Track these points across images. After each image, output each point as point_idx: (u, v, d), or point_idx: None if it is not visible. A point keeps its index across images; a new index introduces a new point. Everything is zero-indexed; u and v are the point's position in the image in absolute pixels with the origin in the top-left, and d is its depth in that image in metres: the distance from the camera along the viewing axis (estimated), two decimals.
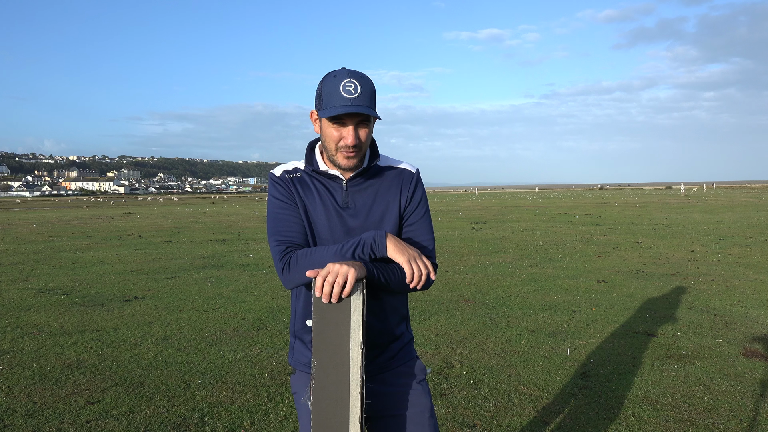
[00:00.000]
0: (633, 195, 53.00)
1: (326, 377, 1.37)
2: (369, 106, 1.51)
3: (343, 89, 1.49)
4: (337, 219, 1.60)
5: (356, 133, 1.52)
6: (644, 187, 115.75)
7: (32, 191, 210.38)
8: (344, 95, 1.48)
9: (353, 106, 1.48)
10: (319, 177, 1.63)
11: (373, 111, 1.52)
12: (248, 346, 4.74)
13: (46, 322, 5.51)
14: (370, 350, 1.57)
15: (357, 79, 1.50)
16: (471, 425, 3.23)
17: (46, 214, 31.70)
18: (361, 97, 1.49)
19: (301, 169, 1.66)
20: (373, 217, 1.61)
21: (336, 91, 1.49)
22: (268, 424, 3.25)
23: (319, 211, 1.61)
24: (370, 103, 1.52)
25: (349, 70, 1.54)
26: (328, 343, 1.37)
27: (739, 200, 33.25)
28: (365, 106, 1.50)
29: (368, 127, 1.55)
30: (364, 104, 1.50)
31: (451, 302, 6.35)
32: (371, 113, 1.50)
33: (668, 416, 3.30)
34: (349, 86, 1.49)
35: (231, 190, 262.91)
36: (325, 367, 1.37)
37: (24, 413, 3.40)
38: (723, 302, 6.13)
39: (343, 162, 1.56)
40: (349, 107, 1.47)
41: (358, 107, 1.48)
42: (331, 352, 1.37)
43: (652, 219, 19.12)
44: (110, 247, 12.63)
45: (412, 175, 1.68)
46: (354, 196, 1.62)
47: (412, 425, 1.64)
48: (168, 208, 38.14)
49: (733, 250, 10.37)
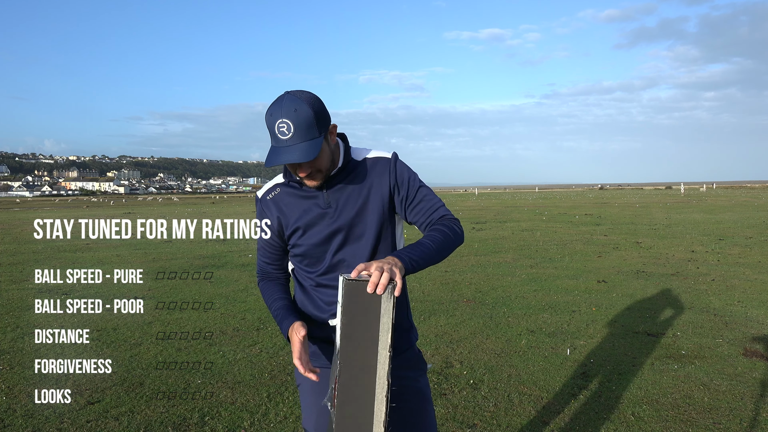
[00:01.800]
0: (633, 195, 53.01)
1: (352, 380, 1.34)
2: (307, 140, 1.48)
3: (277, 131, 1.48)
4: (322, 221, 1.63)
5: (305, 165, 1.54)
6: (644, 187, 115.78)
7: (32, 191, 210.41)
8: (279, 137, 1.49)
9: (285, 152, 1.48)
10: (300, 186, 1.67)
11: (310, 151, 1.48)
12: (248, 346, 4.75)
13: (46, 322, 5.52)
14: None
15: (290, 117, 1.47)
16: (471, 425, 3.23)
17: (45, 213, 31.69)
18: (295, 136, 1.47)
19: (280, 184, 1.70)
20: (355, 211, 1.64)
21: (273, 132, 1.50)
22: (268, 424, 3.25)
23: (304, 218, 1.65)
24: (309, 136, 1.49)
25: (285, 104, 1.49)
26: (355, 345, 1.33)
27: (739, 200, 33.25)
28: (300, 151, 1.47)
29: (318, 156, 1.54)
30: (299, 141, 1.48)
31: (451, 302, 6.35)
32: (307, 158, 1.47)
33: (668, 416, 3.30)
34: (282, 127, 1.48)
35: (231, 190, 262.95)
36: (351, 370, 1.34)
37: (24, 413, 3.40)
38: (723, 302, 6.13)
39: (310, 185, 1.61)
40: (282, 159, 1.47)
41: (291, 155, 1.47)
42: (358, 355, 1.33)
43: (652, 219, 19.12)
44: (110, 247, 12.64)
45: (388, 161, 1.68)
46: (334, 195, 1.64)
47: (411, 417, 1.68)
48: (168, 208, 38.13)
49: (733, 250, 10.37)
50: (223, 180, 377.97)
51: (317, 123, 1.50)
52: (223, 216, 3.43)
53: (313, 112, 1.49)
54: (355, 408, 1.34)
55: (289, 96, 1.51)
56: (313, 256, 1.67)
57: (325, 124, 1.55)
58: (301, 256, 1.70)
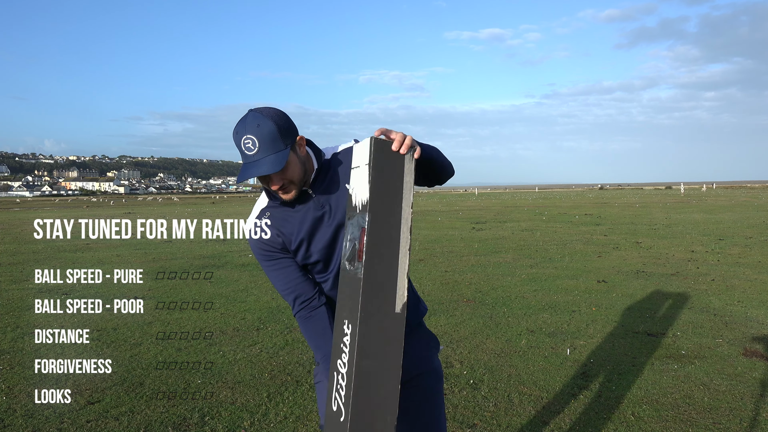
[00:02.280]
0: (633, 195, 53.01)
1: (380, 233, 1.38)
2: (273, 152, 1.52)
3: (244, 147, 1.54)
4: (322, 223, 1.67)
5: (275, 178, 1.57)
6: (644, 187, 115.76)
7: (32, 191, 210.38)
8: (246, 153, 1.54)
9: (252, 167, 1.52)
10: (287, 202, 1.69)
11: (275, 162, 1.53)
12: (248, 346, 4.75)
13: (46, 322, 5.52)
14: None
15: (254, 132, 1.52)
16: (471, 425, 3.23)
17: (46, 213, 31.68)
18: (260, 151, 1.52)
19: (265, 208, 1.72)
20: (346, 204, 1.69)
21: (240, 149, 1.54)
22: (268, 424, 3.25)
23: (303, 229, 1.67)
24: (274, 149, 1.53)
25: (248, 121, 1.54)
26: (382, 200, 1.39)
27: (739, 200, 33.25)
28: (266, 159, 1.52)
29: (288, 164, 1.57)
30: (264, 155, 1.52)
31: (451, 302, 6.35)
32: (272, 171, 1.52)
33: (668, 416, 3.30)
34: (247, 142, 1.53)
35: (231, 190, 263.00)
36: (379, 224, 1.38)
37: (24, 413, 3.40)
38: (723, 302, 6.13)
39: (284, 198, 1.63)
40: (250, 173, 1.53)
41: (257, 169, 1.52)
42: (384, 210, 1.39)
43: (652, 219, 19.12)
44: (110, 246, 12.64)
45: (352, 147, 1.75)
46: (324, 196, 1.68)
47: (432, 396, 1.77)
48: (168, 208, 38.13)
49: (733, 250, 10.37)
50: (223, 180, 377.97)
51: (281, 136, 1.55)
52: (223, 216, 3.43)
53: (275, 125, 1.54)
54: (381, 261, 1.38)
55: (252, 113, 1.55)
56: (322, 259, 1.71)
57: (291, 135, 1.58)
58: (312, 264, 1.73)
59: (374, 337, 1.35)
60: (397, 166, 1.41)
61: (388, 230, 1.39)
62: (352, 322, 1.37)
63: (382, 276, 1.37)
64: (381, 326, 1.37)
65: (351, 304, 1.38)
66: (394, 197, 1.40)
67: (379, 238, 1.38)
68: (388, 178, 1.40)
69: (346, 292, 1.44)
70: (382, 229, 1.38)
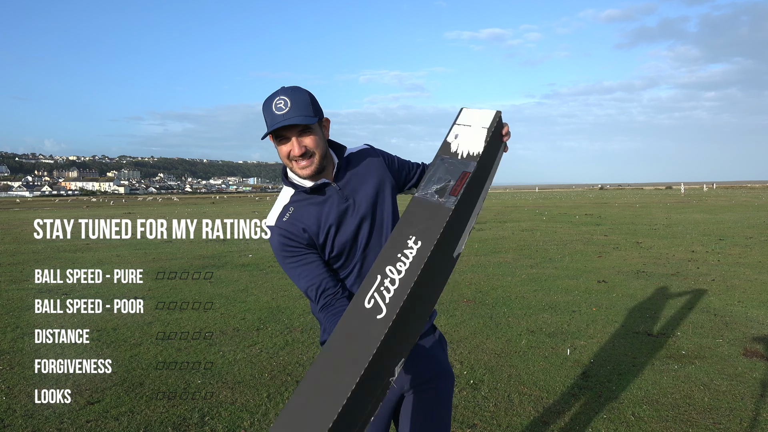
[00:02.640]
0: (633, 195, 53.02)
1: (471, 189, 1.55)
2: (304, 115, 1.59)
3: (275, 108, 1.59)
4: (346, 217, 1.69)
5: (299, 142, 1.61)
6: (644, 187, 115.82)
7: (32, 191, 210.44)
8: (276, 113, 1.58)
9: (284, 119, 1.57)
10: (311, 196, 1.70)
11: (307, 118, 1.59)
12: (248, 346, 4.75)
13: (46, 322, 5.52)
14: None
15: (287, 95, 1.60)
16: (471, 425, 3.23)
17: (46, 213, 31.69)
18: (292, 110, 1.58)
19: (289, 203, 1.71)
20: (371, 200, 1.73)
21: (270, 111, 1.59)
22: (268, 424, 3.25)
23: (329, 221, 1.68)
24: (305, 112, 1.59)
25: (283, 88, 1.64)
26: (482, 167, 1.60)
27: (739, 200, 33.25)
28: (298, 116, 1.58)
29: (312, 134, 1.62)
30: (296, 115, 1.58)
31: (451, 302, 6.35)
32: (304, 121, 1.58)
33: (668, 416, 3.30)
34: (279, 103, 1.59)
35: (231, 190, 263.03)
36: (475, 182, 1.57)
37: (24, 413, 3.40)
38: (723, 302, 6.12)
39: (300, 172, 1.65)
40: (280, 122, 1.57)
41: (288, 119, 1.57)
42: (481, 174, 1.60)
43: (652, 219, 19.12)
44: (110, 246, 12.64)
45: (369, 150, 1.83)
46: (347, 190, 1.72)
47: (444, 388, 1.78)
48: (168, 208, 38.12)
49: (733, 250, 10.37)
50: (223, 180, 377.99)
51: (312, 106, 1.63)
52: (223, 216, 3.43)
53: (309, 96, 1.63)
54: (466, 207, 1.54)
55: (285, 87, 1.65)
56: (346, 251, 1.72)
57: (319, 113, 1.66)
58: (336, 256, 1.72)
59: (437, 261, 1.45)
60: (499, 146, 1.67)
61: (478, 187, 1.58)
62: (423, 239, 1.44)
63: (461, 220, 1.52)
64: (444, 257, 1.48)
65: (427, 225, 1.47)
66: (490, 167, 1.63)
67: (473, 188, 1.54)
68: (494, 149, 1.63)
69: (419, 214, 1.51)
70: (476, 183, 1.56)
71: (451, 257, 1.52)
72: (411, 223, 1.50)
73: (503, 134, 1.67)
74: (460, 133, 1.64)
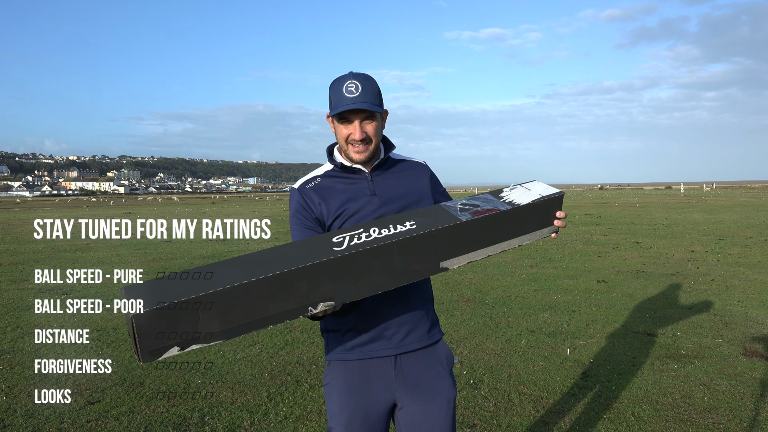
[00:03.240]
0: (633, 195, 53.00)
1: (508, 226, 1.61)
2: (372, 102, 1.64)
3: (345, 90, 1.63)
4: (369, 205, 1.70)
5: (362, 127, 1.66)
6: (644, 187, 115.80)
7: (32, 191, 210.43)
8: (346, 95, 1.63)
9: (354, 103, 1.62)
10: (344, 174, 1.74)
11: (374, 106, 1.65)
12: (248, 346, 4.75)
13: (46, 322, 5.52)
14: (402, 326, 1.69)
15: (359, 80, 1.65)
16: (471, 425, 3.24)
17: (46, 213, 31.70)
18: (362, 96, 1.63)
19: (320, 176, 1.77)
20: (398, 203, 1.72)
21: (340, 92, 1.64)
22: (268, 424, 3.25)
23: (353, 202, 1.70)
24: (373, 100, 1.65)
25: (354, 73, 1.67)
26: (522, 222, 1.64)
27: (739, 200, 33.25)
28: (367, 102, 1.63)
29: (375, 121, 1.68)
30: (365, 101, 1.63)
31: (451, 302, 6.35)
32: (372, 108, 1.63)
33: (668, 416, 3.30)
34: (351, 86, 1.63)
35: (231, 190, 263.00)
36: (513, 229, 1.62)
37: (24, 413, 3.40)
38: (723, 302, 6.13)
39: (355, 156, 1.69)
40: (350, 105, 1.62)
41: (358, 104, 1.62)
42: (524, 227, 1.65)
43: (652, 219, 19.12)
44: (110, 246, 12.64)
45: (424, 167, 1.85)
46: (378, 185, 1.73)
47: (434, 412, 1.71)
48: (168, 208, 38.11)
49: (733, 250, 10.37)
50: (223, 180, 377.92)
51: (379, 96, 1.69)
52: (223, 216, 3.43)
53: (377, 86, 1.68)
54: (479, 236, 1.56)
55: (355, 71, 1.68)
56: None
57: (382, 104, 1.72)
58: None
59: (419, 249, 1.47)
60: (545, 223, 1.66)
61: (503, 232, 1.58)
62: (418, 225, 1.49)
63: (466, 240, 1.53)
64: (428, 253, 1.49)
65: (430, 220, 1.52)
66: (525, 228, 1.62)
67: (497, 227, 1.56)
68: (539, 218, 1.64)
69: (432, 213, 1.57)
70: (502, 226, 1.57)
71: (436, 262, 1.51)
72: (420, 214, 1.57)
73: (556, 216, 1.67)
74: (517, 189, 1.70)
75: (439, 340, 1.81)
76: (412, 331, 1.70)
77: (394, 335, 1.68)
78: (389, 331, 1.68)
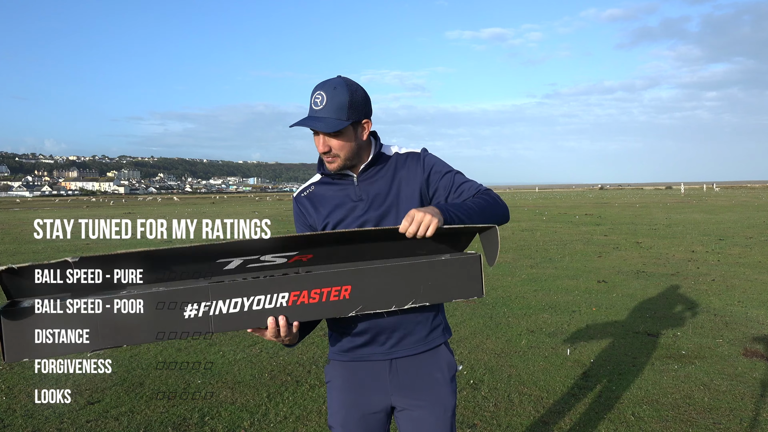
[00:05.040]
0: (633, 195, 52.99)
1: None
2: (334, 117, 1.55)
3: (312, 101, 1.57)
4: (352, 214, 1.66)
5: (325, 141, 1.58)
6: (644, 187, 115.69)
7: (32, 191, 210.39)
8: (312, 107, 1.57)
9: (309, 119, 1.56)
10: (333, 181, 1.70)
11: (329, 123, 1.55)
12: (248, 346, 4.75)
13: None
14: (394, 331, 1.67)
15: (327, 92, 1.56)
16: (471, 425, 3.23)
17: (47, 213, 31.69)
18: (325, 109, 1.55)
19: (314, 183, 1.75)
20: (385, 205, 1.66)
21: (310, 101, 1.58)
22: (268, 424, 3.25)
23: (336, 212, 1.68)
24: (335, 115, 1.55)
25: (326, 82, 1.59)
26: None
27: (739, 200, 33.24)
28: (325, 118, 1.55)
29: (340, 136, 1.58)
30: (326, 116, 1.55)
31: (451, 302, 6.34)
32: (321, 128, 1.54)
33: (668, 416, 3.30)
34: (317, 98, 1.57)
35: (231, 190, 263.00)
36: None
37: (24, 413, 3.40)
38: (723, 302, 6.12)
39: (327, 166, 1.65)
40: (303, 122, 1.56)
41: (312, 120, 1.55)
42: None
43: (652, 219, 19.12)
44: (110, 247, 12.64)
45: (418, 155, 1.72)
46: (365, 188, 1.67)
47: (430, 421, 1.71)
48: (168, 208, 38.11)
49: (733, 250, 10.37)
50: (223, 180, 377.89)
51: (348, 108, 1.56)
52: (223, 216, 3.42)
53: (349, 98, 1.56)
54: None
55: (339, 78, 1.60)
56: None
57: (358, 114, 1.59)
58: None
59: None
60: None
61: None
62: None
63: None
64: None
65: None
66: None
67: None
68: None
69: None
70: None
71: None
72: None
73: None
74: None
75: (439, 346, 1.79)
76: (406, 337, 1.68)
77: (387, 340, 1.66)
78: (382, 336, 1.66)
